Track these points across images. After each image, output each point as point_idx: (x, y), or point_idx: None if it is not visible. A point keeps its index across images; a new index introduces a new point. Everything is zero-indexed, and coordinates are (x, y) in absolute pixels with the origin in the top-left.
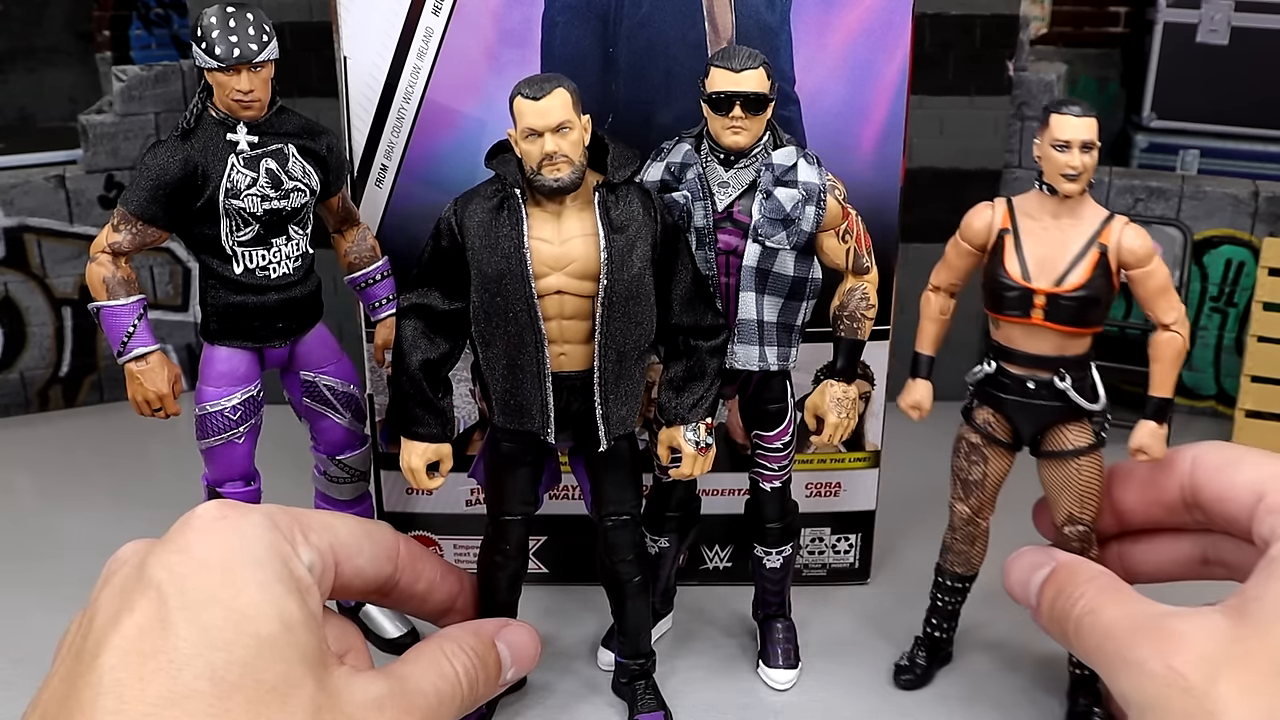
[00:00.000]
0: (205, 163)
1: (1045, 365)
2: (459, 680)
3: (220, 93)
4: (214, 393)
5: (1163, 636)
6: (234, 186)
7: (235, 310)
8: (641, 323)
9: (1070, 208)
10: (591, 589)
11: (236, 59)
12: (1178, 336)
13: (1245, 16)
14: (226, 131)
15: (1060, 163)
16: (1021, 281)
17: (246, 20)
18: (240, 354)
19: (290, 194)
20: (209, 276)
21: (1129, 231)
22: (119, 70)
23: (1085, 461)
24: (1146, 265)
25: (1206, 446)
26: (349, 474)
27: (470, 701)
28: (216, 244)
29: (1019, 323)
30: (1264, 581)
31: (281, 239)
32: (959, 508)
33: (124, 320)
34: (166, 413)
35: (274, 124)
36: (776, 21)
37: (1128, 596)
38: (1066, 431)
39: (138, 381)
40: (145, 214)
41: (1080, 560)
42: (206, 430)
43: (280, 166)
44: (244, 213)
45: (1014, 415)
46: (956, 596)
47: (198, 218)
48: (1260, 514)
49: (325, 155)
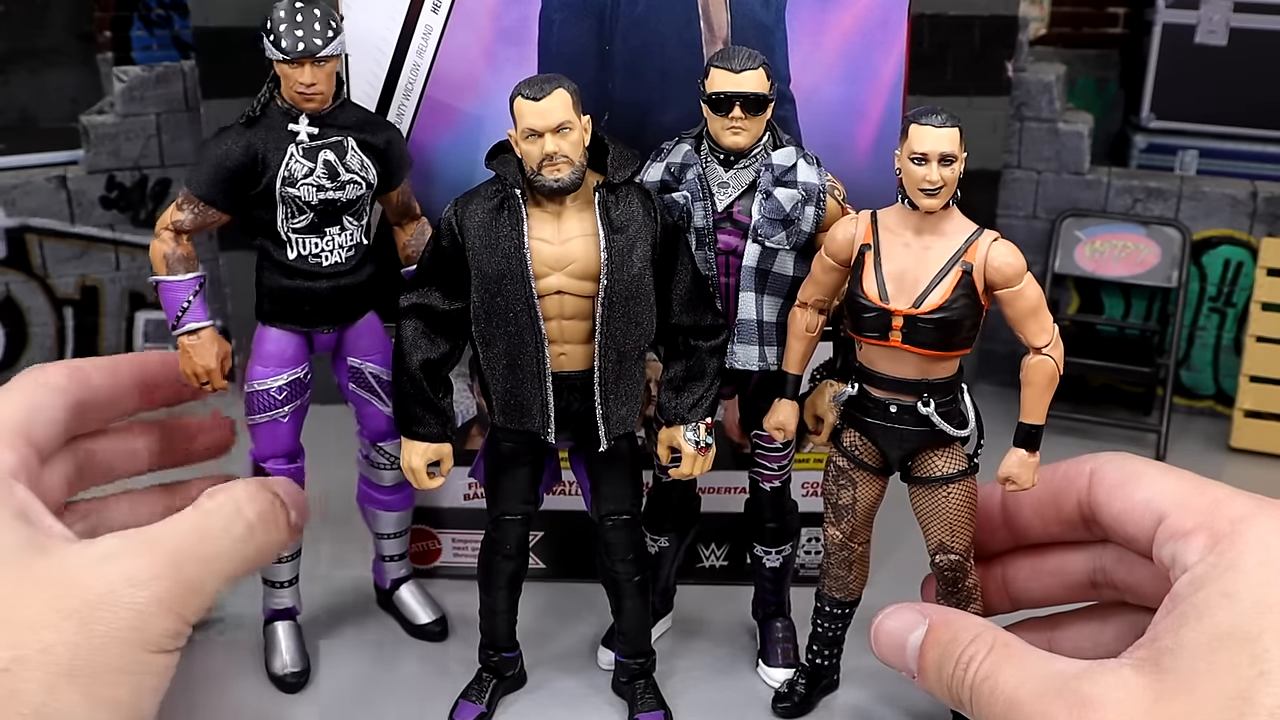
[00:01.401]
0: (265, 150)
1: (908, 389)
2: (226, 509)
3: (285, 84)
4: (263, 372)
5: (1076, 704)
6: (291, 175)
7: (287, 294)
8: (641, 323)
9: (934, 223)
10: (591, 587)
11: (301, 52)
12: (1049, 360)
13: (1244, 17)
14: (289, 121)
15: (918, 176)
16: (878, 301)
17: (313, 15)
18: (289, 336)
19: (346, 185)
20: (265, 259)
21: (998, 248)
22: (120, 71)
23: (955, 489)
24: (1016, 285)
25: (1104, 459)
26: (389, 460)
27: (270, 527)
28: (273, 229)
29: (879, 345)
30: (1175, 628)
31: (335, 228)
32: (831, 532)
33: (180, 295)
34: (214, 387)
35: (336, 116)
36: (772, 20)
37: (1022, 654)
38: (935, 457)
39: (188, 355)
40: (206, 196)
41: (955, 614)
42: (253, 407)
43: (338, 158)
44: (299, 201)
45: (879, 440)
46: (837, 623)
47: (256, 203)
48: (1160, 538)
49: (385, 149)
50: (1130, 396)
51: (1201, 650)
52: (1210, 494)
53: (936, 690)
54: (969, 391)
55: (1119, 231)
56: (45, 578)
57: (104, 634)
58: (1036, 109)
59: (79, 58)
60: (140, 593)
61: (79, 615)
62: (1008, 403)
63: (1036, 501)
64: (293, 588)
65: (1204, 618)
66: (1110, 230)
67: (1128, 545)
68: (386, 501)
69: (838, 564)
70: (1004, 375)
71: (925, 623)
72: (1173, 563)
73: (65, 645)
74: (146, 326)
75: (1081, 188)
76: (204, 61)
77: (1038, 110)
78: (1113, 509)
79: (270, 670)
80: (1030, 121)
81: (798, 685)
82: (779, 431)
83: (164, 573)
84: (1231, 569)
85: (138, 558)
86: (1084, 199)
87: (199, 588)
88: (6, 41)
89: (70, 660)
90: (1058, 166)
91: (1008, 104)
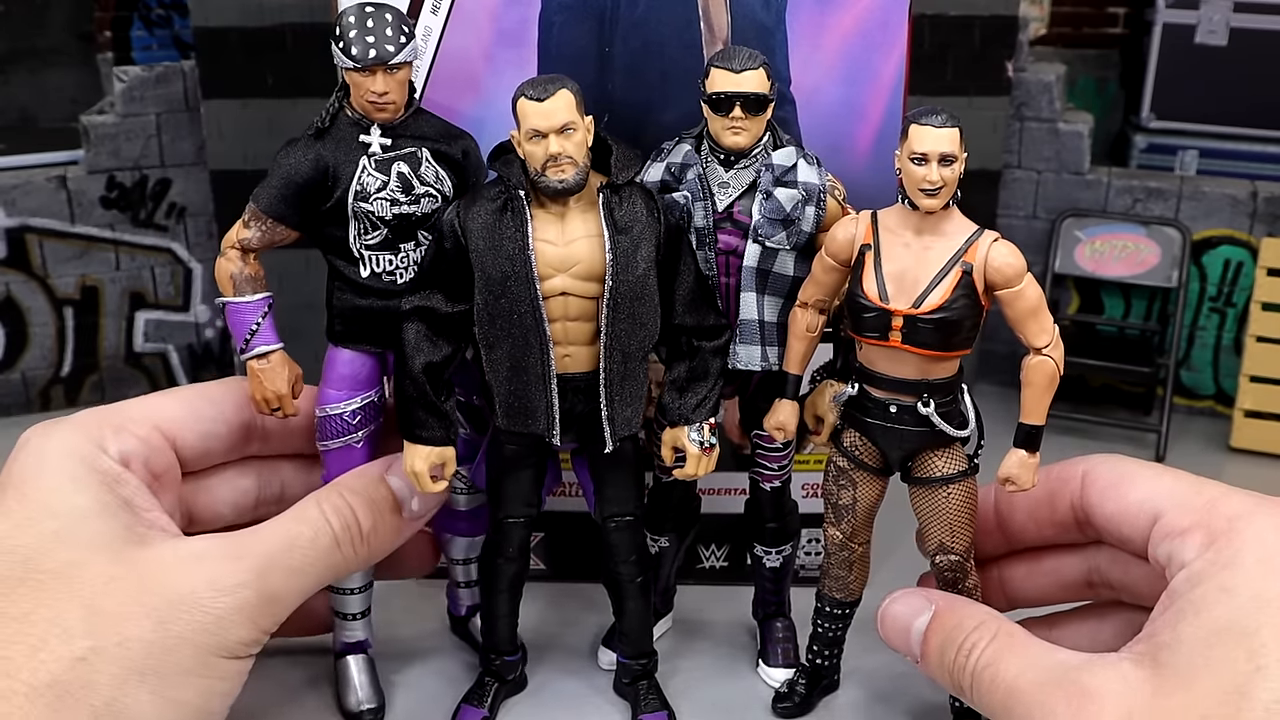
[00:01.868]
0: (336, 163)
1: (908, 389)
2: (324, 520)
3: (356, 93)
4: (335, 395)
5: (1076, 694)
6: (364, 189)
7: (360, 314)
8: (646, 324)
9: (934, 224)
10: (592, 587)
11: (372, 60)
12: (1049, 361)
13: (1244, 17)
14: (360, 132)
15: (918, 177)
16: (878, 302)
17: (385, 20)
18: (362, 358)
19: (421, 199)
20: (336, 278)
21: (998, 249)
22: (120, 71)
23: (955, 489)
24: (1016, 285)
25: (1097, 461)
26: (464, 485)
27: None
28: (344, 246)
29: (879, 345)
30: (1173, 623)
31: (410, 244)
32: (831, 532)
33: (248, 317)
34: (285, 413)
35: (409, 126)
36: (772, 21)
37: (1024, 643)
38: (935, 458)
39: (259, 380)
40: (274, 212)
41: (962, 602)
42: (326, 433)
43: (412, 170)
44: (372, 216)
45: (879, 440)
46: (837, 624)
47: (326, 219)
48: (1156, 537)
49: (460, 160)
50: (1130, 396)
51: (1199, 645)
52: (1206, 492)
53: (938, 675)
54: (969, 392)
55: (1119, 231)
56: (136, 568)
57: (178, 635)
58: (1036, 109)
59: (79, 58)
60: (222, 599)
61: (158, 613)
62: (1008, 403)
63: (1030, 505)
64: (365, 620)
65: (1202, 613)
66: (1110, 230)
67: (1122, 546)
68: (461, 527)
69: (838, 564)
70: (1004, 375)
71: (931, 609)
72: (1169, 561)
73: (141, 642)
74: (146, 327)
75: (1081, 188)
76: (204, 61)
77: (1038, 110)
78: (1106, 510)
79: (344, 707)
80: (1030, 121)
81: (798, 685)
82: (779, 431)
83: (248, 580)
84: (1229, 565)
85: (225, 562)
86: (1084, 199)
87: (281, 597)
88: (6, 41)
89: (144, 658)
90: (1058, 166)
91: (1008, 104)
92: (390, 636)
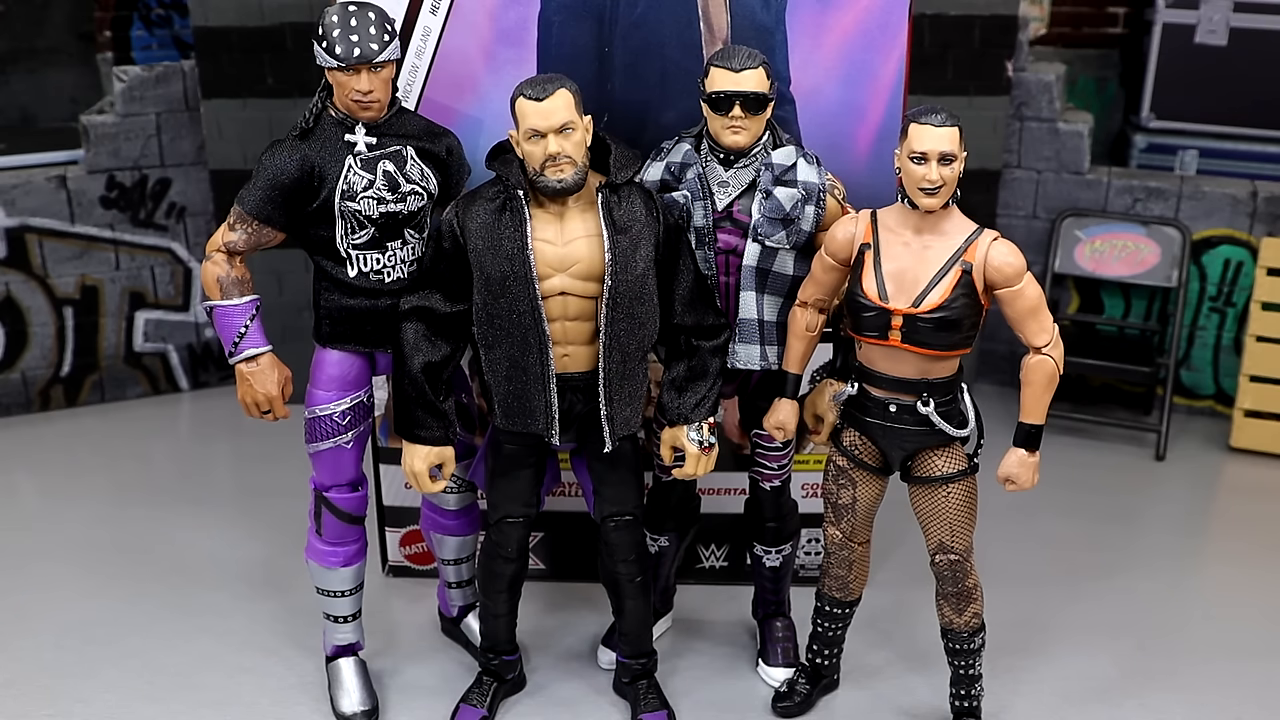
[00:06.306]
0: (322, 163)
1: (908, 389)
2: None
3: (340, 92)
4: (324, 396)
5: None
6: (350, 188)
7: (348, 314)
8: (645, 323)
9: (933, 223)
10: (591, 587)
11: (356, 59)
12: (1049, 360)
13: (1244, 17)
14: (345, 132)
15: (918, 176)
16: (878, 301)
17: (368, 19)
18: (351, 358)
19: (407, 197)
20: (323, 279)
21: (998, 248)
22: (120, 71)
23: (955, 489)
24: (1015, 284)
25: None
26: (454, 484)
27: None
28: (331, 246)
29: (878, 344)
30: None
31: (397, 243)
32: (831, 532)
33: (236, 320)
34: (275, 415)
35: (393, 125)
36: (772, 21)
37: None
38: (935, 457)
39: (248, 383)
40: (260, 214)
41: None
42: (315, 434)
43: (398, 168)
44: (359, 215)
45: (879, 439)
46: (837, 623)
47: (313, 219)
48: None
49: (445, 158)
50: (1130, 396)
51: None
52: None
53: None
54: (969, 391)
55: (1119, 231)
56: None
57: None
58: (1036, 109)
59: (79, 58)
60: None
61: None
62: (1008, 403)
63: None
64: (356, 622)
65: None
66: (1110, 230)
67: None
68: (451, 526)
69: (838, 564)
70: (1004, 375)
71: None
72: None
73: None
74: (146, 326)
75: (1081, 187)
76: (204, 61)
77: (1038, 110)
78: None
79: (338, 710)
80: (1030, 121)
81: (798, 685)
82: (779, 431)
83: None
84: None
85: None
86: (1084, 199)
87: None
88: (6, 41)
89: None
90: (1058, 166)
91: (1008, 104)
92: (382, 638)
